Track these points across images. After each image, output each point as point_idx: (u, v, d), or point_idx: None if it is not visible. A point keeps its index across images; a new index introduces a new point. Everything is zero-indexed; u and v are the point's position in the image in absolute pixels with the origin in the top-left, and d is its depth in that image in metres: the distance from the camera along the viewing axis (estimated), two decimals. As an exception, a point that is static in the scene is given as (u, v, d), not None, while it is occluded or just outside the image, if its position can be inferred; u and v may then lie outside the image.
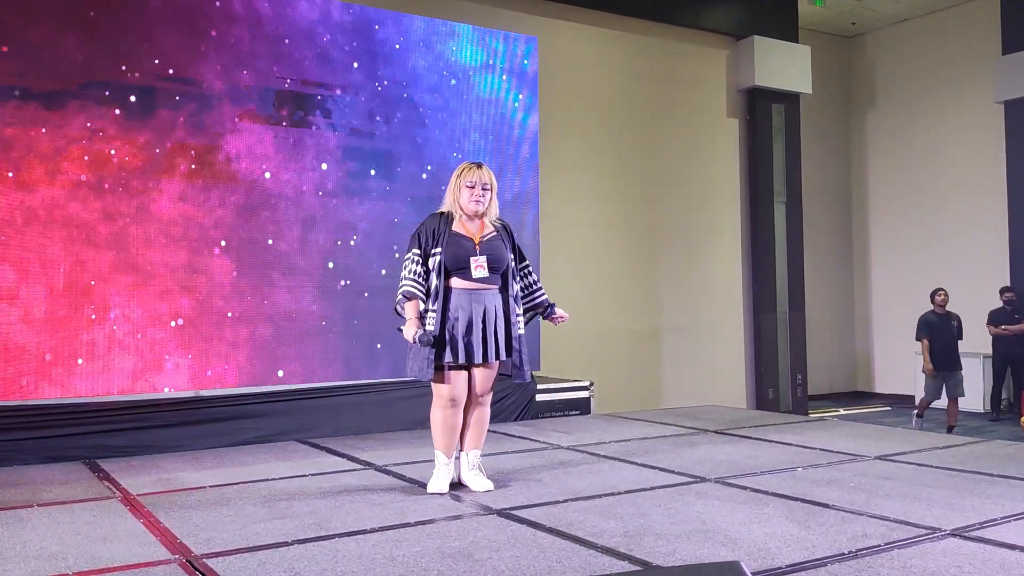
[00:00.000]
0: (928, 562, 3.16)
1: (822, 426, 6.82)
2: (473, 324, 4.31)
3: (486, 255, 4.34)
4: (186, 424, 5.97)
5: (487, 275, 4.35)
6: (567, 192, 9.21)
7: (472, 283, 4.33)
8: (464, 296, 4.32)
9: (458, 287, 4.32)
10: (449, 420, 4.39)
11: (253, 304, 6.30)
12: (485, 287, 4.36)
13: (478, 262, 4.31)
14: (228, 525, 3.81)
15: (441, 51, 7.23)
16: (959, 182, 11.99)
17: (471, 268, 4.30)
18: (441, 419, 4.39)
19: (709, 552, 3.31)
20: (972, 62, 11.83)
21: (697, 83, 10.48)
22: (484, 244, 4.37)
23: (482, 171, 4.41)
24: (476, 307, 4.32)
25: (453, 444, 4.44)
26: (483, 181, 4.38)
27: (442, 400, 4.37)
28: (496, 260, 4.38)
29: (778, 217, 10.87)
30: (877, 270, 13.10)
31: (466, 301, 4.31)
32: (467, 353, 4.31)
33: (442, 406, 4.38)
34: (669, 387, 9.95)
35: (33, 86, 5.60)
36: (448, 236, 4.33)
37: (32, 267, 5.56)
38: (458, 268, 4.31)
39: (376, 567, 3.17)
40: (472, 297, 4.33)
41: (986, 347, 11.02)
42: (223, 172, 6.23)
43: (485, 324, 4.34)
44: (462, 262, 4.30)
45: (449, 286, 4.31)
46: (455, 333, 4.28)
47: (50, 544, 3.55)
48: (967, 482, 4.56)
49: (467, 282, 4.32)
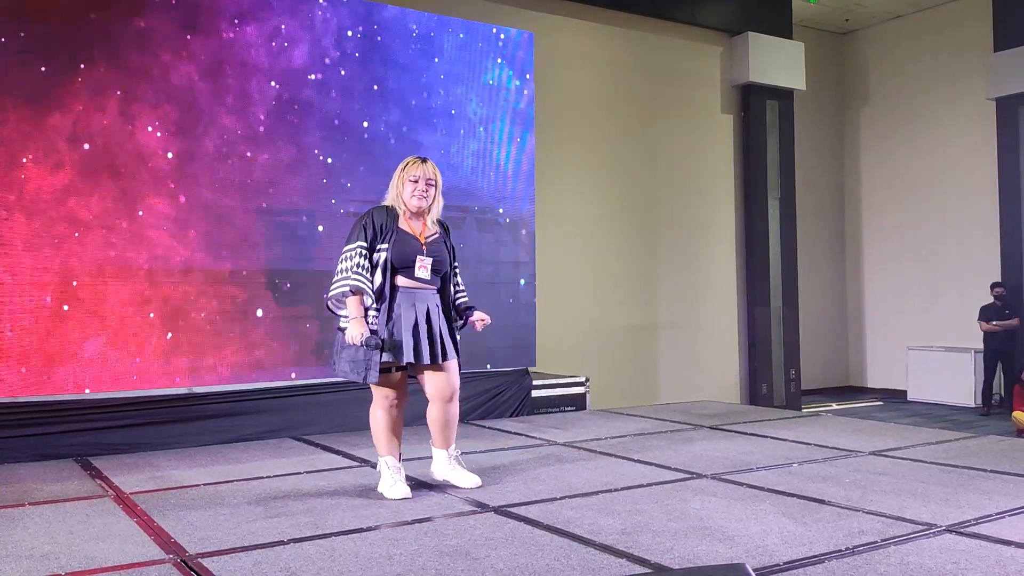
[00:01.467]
0: (925, 558, 3.16)
1: (816, 421, 6.83)
2: (418, 324, 4.19)
3: (432, 257, 4.26)
4: (179, 421, 5.93)
5: (429, 277, 4.26)
6: (562, 187, 9.20)
7: (414, 282, 4.24)
8: (407, 296, 4.21)
9: (402, 286, 4.21)
10: (392, 420, 4.28)
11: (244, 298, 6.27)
12: (426, 287, 4.28)
13: (423, 263, 4.22)
14: (223, 524, 3.79)
15: (436, 46, 7.20)
16: (951, 178, 12.03)
17: (415, 267, 4.21)
18: (383, 420, 4.27)
19: (707, 549, 3.30)
20: (964, 59, 11.86)
21: (692, 79, 10.48)
22: (430, 245, 4.28)
23: (427, 166, 4.29)
24: (419, 306, 4.22)
25: (398, 446, 4.35)
26: (427, 176, 4.26)
27: (386, 401, 4.26)
28: (439, 263, 4.30)
29: (772, 213, 10.88)
30: (869, 265, 13.14)
31: (408, 301, 4.21)
32: (415, 354, 4.17)
33: (385, 407, 4.26)
34: (664, 382, 9.96)
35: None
36: (396, 233, 4.22)
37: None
38: (403, 267, 4.21)
39: (373, 566, 3.15)
40: (415, 297, 4.23)
41: (977, 342, 11.06)
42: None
43: (430, 324, 4.24)
44: (408, 261, 4.19)
45: (395, 284, 4.21)
46: (398, 333, 4.16)
47: (42, 543, 3.52)
48: (961, 478, 4.57)
49: (409, 281, 4.23)
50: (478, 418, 6.99)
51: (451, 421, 4.40)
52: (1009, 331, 10.66)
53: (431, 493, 4.33)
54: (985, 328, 10.75)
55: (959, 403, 11.48)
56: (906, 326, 12.51)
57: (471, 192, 7.29)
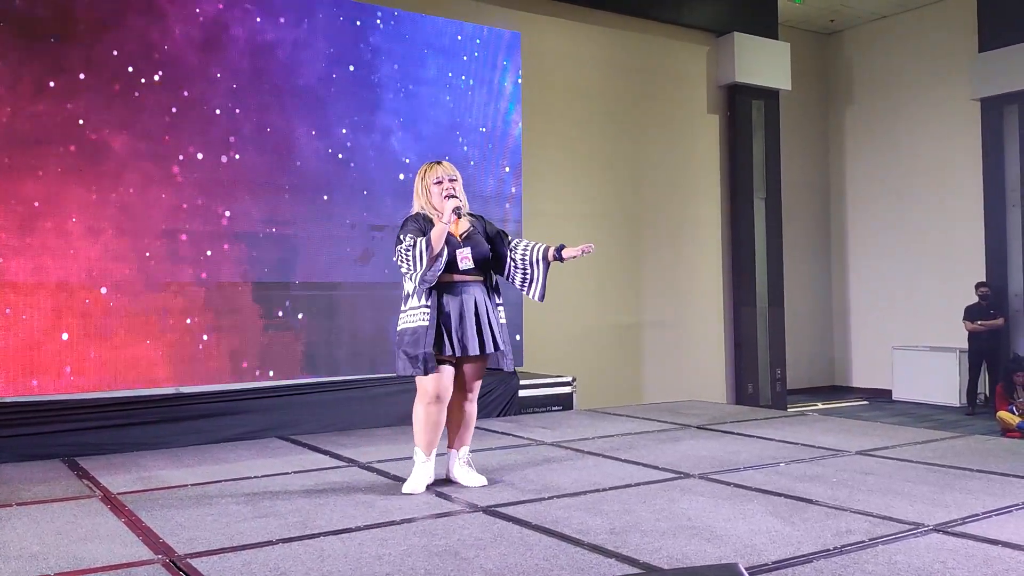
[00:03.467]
0: (912, 557, 3.18)
1: (802, 421, 6.86)
2: (465, 316, 4.29)
3: (470, 247, 4.34)
4: (166, 421, 5.91)
5: (472, 267, 4.34)
6: (549, 187, 9.21)
7: (459, 276, 4.33)
8: (453, 289, 4.31)
9: (445, 280, 4.30)
10: (434, 417, 4.34)
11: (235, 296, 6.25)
12: (471, 279, 4.36)
13: (463, 254, 4.31)
14: (211, 524, 3.78)
15: (423, 46, 7.19)
16: (936, 178, 12.11)
17: (457, 260, 4.29)
18: (425, 416, 4.33)
19: (696, 549, 3.31)
20: (949, 59, 11.93)
21: (678, 79, 10.50)
22: (466, 239, 4.37)
23: (444, 166, 4.41)
24: (466, 299, 4.32)
25: (436, 442, 4.40)
26: (449, 175, 4.38)
27: (428, 396, 4.31)
28: (479, 253, 4.38)
29: (757, 213, 10.92)
30: (855, 265, 13.21)
31: (455, 294, 4.31)
32: (462, 346, 4.28)
33: (427, 402, 4.32)
34: (650, 382, 9.98)
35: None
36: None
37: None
38: (446, 265, 4.29)
39: (363, 566, 3.15)
40: (461, 289, 4.32)
41: (962, 342, 11.13)
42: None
43: (478, 316, 4.34)
44: (448, 256, 4.28)
45: (440, 281, 4.28)
46: (448, 326, 4.26)
47: (30, 544, 3.50)
48: (948, 477, 4.60)
49: (455, 275, 4.31)
50: (466, 418, 6.98)
51: (469, 420, 4.53)
52: (993, 331, 10.73)
53: (421, 493, 4.32)
54: (970, 328, 10.82)
55: (944, 403, 11.55)
56: (891, 326, 12.58)
57: (459, 191, 7.27)
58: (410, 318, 4.29)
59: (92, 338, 5.71)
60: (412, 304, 4.29)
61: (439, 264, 4.21)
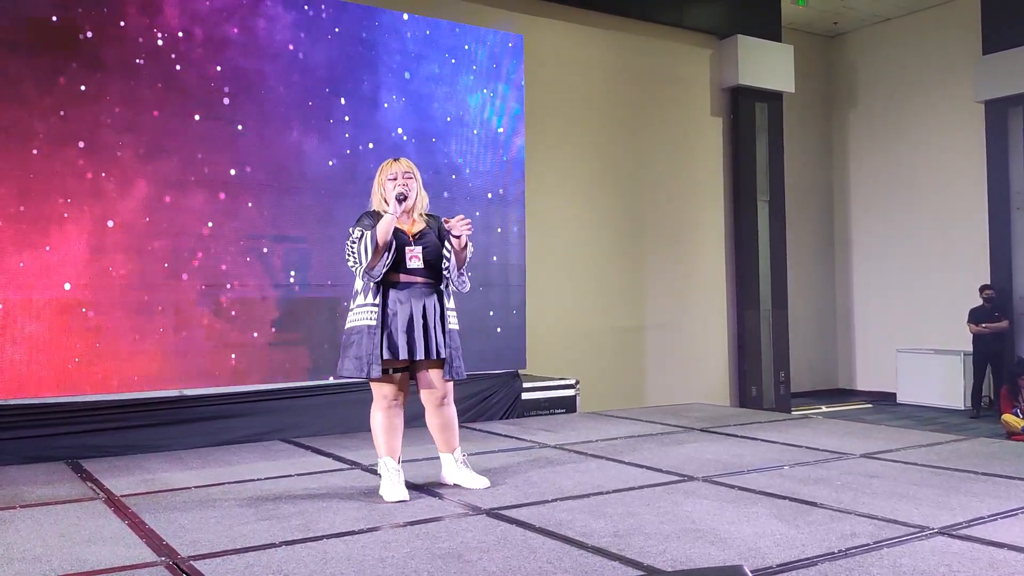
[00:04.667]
0: (918, 561, 3.17)
1: (806, 424, 6.84)
2: (414, 320, 4.22)
3: (421, 247, 4.28)
4: (170, 424, 5.91)
5: (422, 266, 4.27)
6: (552, 190, 9.20)
7: (408, 276, 4.25)
8: (402, 292, 4.24)
9: (393, 279, 4.23)
10: (393, 420, 4.28)
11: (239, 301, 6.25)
12: (421, 280, 4.29)
13: (413, 252, 4.24)
14: (214, 526, 3.78)
15: (425, 49, 7.20)
16: (940, 181, 12.09)
17: (406, 259, 4.23)
18: (384, 421, 4.27)
19: (700, 552, 3.30)
20: (953, 62, 11.92)
21: (681, 82, 10.50)
22: (418, 238, 4.30)
23: (400, 162, 4.37)
24: (415, 302, 4.24)
25: (399, 446, 4.34)
26: (404, 170, 4.32)
27: (385, 400, 4.26)
28: (430, 254, 4.30)
29: (761, 215, 10.91)
30: (858, 268, 13.19)
31: (404, 296, 4.23)
32: (409, 350, 4.20)
33: (384, 407, 4.27)
34: (653, 385, 9.97)
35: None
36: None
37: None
38: (396, 262, 4.22)
39: (366, 568, 3.14)
40: (410, 292, 4.25)
41: (966, 345, 11.11)
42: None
43: (426, 320, 4.26)
44: (396, 253, 4.20)
45: (389, 280, 4.23)
46: (395, 329, 4.19)
47: (34, 546, 3.50)
48: (953, 480, 4.59)
49: (403, 275, 4.24)
50: (468, 420, 6.98)
51: (447, 424, 4.43)
52: (998, 333, 10.71)
53: (423, 496, 4.32)
54: (974, 330, 10.80)
55: (948, 406, 11.52)
56: (895, 329, 12.56)
57: (460, 195, 7.29)
58: (357, 317, 4.23)
59: (94, 341, 5.71)
60: (359, 302, 4.23)
61: (386, 259, 4.14)
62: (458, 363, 4.37)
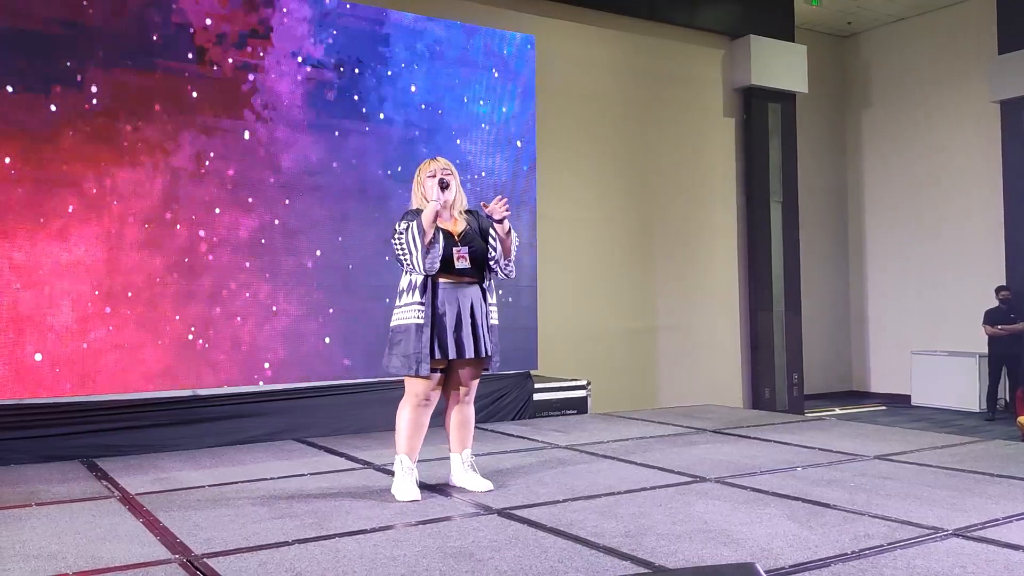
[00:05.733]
0: (932, 562, 3.16)
1: (820, 426, 6.82)
2: (462, 318, 4.26)
3: (467, 247, 4.30)
4: (184, 423, 5.95)
5: (468, 266, 4.30)
6: (564, 191, 9.20)
7: (455, 276, 4.28)
8: (449, 291, 4.26)
9: (443, 281, 4.26)
10: (420, 419, 4.30)
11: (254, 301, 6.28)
12: (467, 280, 4.32)
13: (460, 253, 4.26)
14: (228, 525, 3.80)
15: (437, 50, 7.21)
16: (955, 181, 12.02)
17: (454, 260, 4.25)
18: (412, 419, 4.29)
19: (712, 552, 3.30)
20: (968, 62, 11.85)
21: (693, 82, 10.47)
22: (463, 238, 4.33)
23: (438, 160, 4.41)
24: (462, 300, 4.28)
25: (418, 447, 4.36)
26: (442, 167, 4.35)
27: (416, 398, 4.27)
28: (476, 253, 4.33)
29: (774, 216, 10.86)
30: (873, 269, 13.12)
31: (452, 295, 4.26)
32: (457, 349, 4.24)
33: (415, 404, 4.28)
34: (665, 386, 9.95)
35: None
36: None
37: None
38: (442, 262, 4.24)
39: (378, 567, 3.15)
40: (458, 292, 4.28)
41: (982, 346, 11.04)
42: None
43: (473, 318, 4.30)
44: (445, 253, 4.24)
45: (437, 281, 4.26)
46: (444, 328, 4.21)
47: (49, 544, 3.53)
48: (967, 482, 4.57)
49: (450, 276, 4.27)
50: (480, 421, 6.96)
51: (466, 421, 4.49)
52: (1014, 335, 10.64)
53: (435, 495, 4.33)
54: (990, 332, 10.73)
55: (963, 408, 11.45)
56: (910, 330, 12.49)
57: (471, 196, 7.28)
58: (404, 315, 4.25)
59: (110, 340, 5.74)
60: (406, 300, 4.26)
61: (435, 251, 4.17)
62: (497, 357, 4.46)
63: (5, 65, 5.51)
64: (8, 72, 5.52)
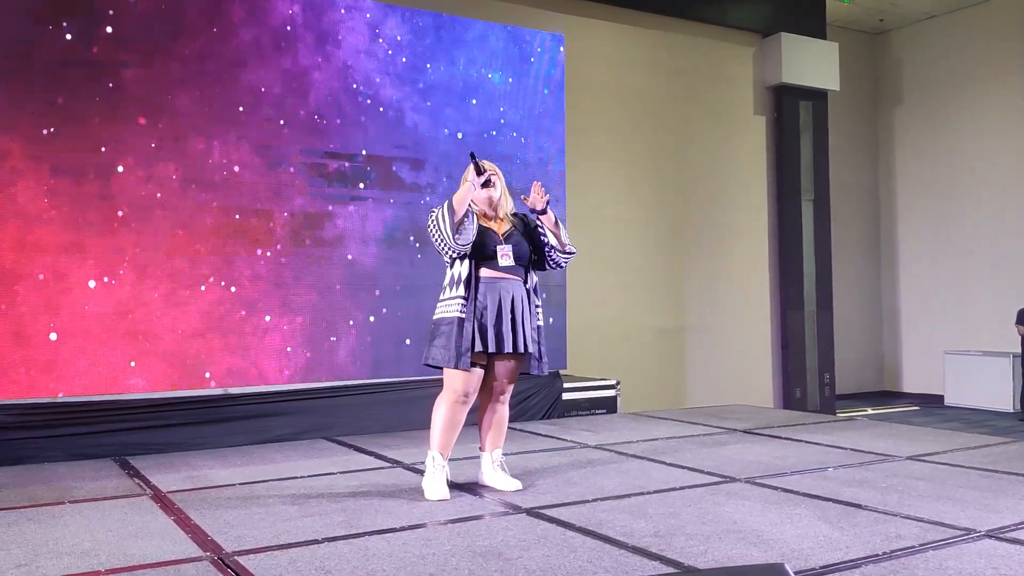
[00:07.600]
0: (964, 563, 3.12)
1: (851, 426, 6.76)
2: (503, 313, 4.28)
3: (511, 245, 4.34)
4: (214, 422, 6.00)
5: (512, 264, 4.33)
6: (593, 189, 9.18)
7: (498, 272, 4.31)
8: (491, 285, 4.29)
9: (485, 276, 4.29)
10: (457, 416, 4.30)
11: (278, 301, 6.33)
12: (510, 276, 4.35)
13: (504, 251, 4.30)
14: (258, 523, 3.83)
15: (468, 49, 7.22)
16: (988, 180, 11.86)
17: (497, 257, 4.29)
18: (448, 415, 4.28)
19: (742, 553, 3.28)
20: (1001, 59, 11.69)
21: (724, 80, 10.41)
22: (507, 236, 4.37)
23: (484, 163, 4.40)
24: (504, 295, 4.30)
25: (452, 444, 4.35)
26: (489, 170, 4.36)
27: (455, 394, 4.27)
28: (520, 252, 4.37)
29: (805, 215, 10.78)
30: (905, 269, 12.98)
31: (494, 290, 4.28)
32: (497, 342, 4.26)
33: (453, 400, 4.28)
34: (695, 386, 9.90)
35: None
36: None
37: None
38: (484, 257, 4.29)
39: (407, 565, 3.16)
40: (500, 286, 4.30)
41: (1015, 347, 10.89)
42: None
43: (514, 313, 4.32)
44: (488, 251, 4.28)
45: (479, 275, 4.29)
46: (485, 322, 4.24)
47: (82, 541, 3.57)
48: (1001, 483, 4.50)
49: (493, 271, 4.30)
50: (510, 420, 6.95)
51: (500, 420, 4.50)
52: (1048, 335, 10.48)
53: (464, 494, 4.34)
54: (1022, 332, 10.58)
55: (997, 408, 11.30)
56: (943, 330, 12.34)
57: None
58: (446, 308, 4.27)
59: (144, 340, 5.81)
60: (449, 294, 4.29)
61: (469, 228, 4.18)
62: (545, 359, 4.49)
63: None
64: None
